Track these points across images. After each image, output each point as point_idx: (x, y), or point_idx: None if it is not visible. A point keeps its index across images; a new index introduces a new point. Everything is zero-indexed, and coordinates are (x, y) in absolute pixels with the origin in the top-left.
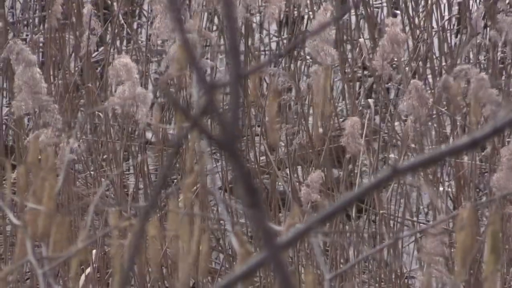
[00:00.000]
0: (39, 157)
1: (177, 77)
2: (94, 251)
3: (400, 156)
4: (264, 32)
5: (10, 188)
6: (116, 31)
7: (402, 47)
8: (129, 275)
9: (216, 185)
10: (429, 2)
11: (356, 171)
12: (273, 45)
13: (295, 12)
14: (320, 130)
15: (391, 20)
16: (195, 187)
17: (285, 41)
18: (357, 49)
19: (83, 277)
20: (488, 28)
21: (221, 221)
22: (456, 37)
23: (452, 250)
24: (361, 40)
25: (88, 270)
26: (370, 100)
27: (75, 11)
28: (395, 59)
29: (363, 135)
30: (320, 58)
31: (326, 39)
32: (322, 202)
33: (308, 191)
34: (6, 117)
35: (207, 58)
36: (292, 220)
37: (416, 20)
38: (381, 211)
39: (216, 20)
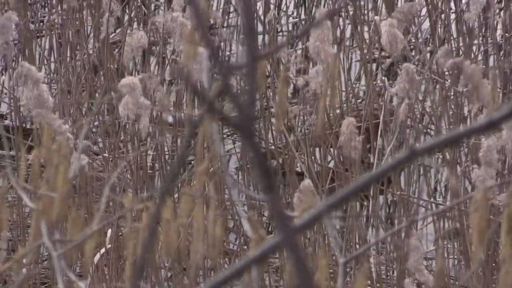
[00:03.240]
0: (53, 144)
1: (188, 61)
2: (109, 231)
3: (416, 138)
4: (281, 12)
5: (24, 171)
6: (134, 12)
7: (399, 47)
8: (145, 261)
9: (228, 170)
10: None
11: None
12: (290, 26)
13: None
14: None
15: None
16: (209, 171)
17: (302, 21)
18: (372, 28)
19: (97, 256)
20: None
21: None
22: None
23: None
24: (377, 18)
25: (103, 250)
26: (385, 79)
27: None
28: (413, 40)
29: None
30: (320, 58)
31: (323, 39)
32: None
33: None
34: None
35: (222, 40)
36: (306, 204)
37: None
38: (398, 192)
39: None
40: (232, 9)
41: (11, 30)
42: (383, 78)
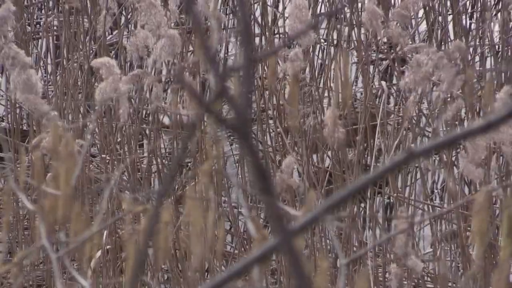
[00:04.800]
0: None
1: (193, 63)
2: (105, 232)
3: (414, 137)
4: (278, 14)
5: (24, 172)
6: (130, 14)
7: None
8: (144, 260)
9: (232, 169)
10: None
11: (373, 153)
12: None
13: None
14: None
15: None
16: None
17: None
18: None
19: (96, 256)
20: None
21: (235, 205)
22: (470, 19)
23: (467, 234)
24: (363, 15)
25: (99, 253)
26: (383, 82)
27: None
28: (410, 42)
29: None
30: (298, 40)
31: (301, 19)
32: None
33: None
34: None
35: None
36: (309, 205)
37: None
38: (395, 194)
39: (230, 2)
40: (229, 11)
41: (11, 22)
42: (382, 82)
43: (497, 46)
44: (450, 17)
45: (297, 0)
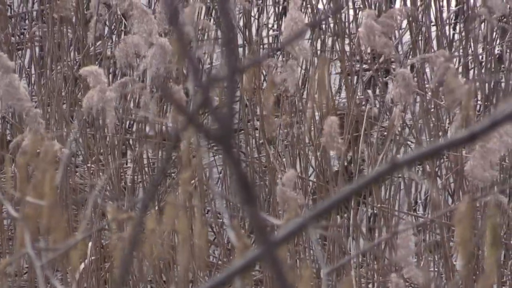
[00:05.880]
0: (38, 150)
1: (174, 72)
2: (90, 243)
3: (397, 148)
4: (262, 25)
5: (9, 181)
6: (114, 24)
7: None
8: (128, 268)
9: (214, 179)
10: None
11: (357, 163)
12: (270, 38)
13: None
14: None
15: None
16: (193, 181)
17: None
18: (356, 40)
19: (80, 268)
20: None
21: (219, 215)
22: (454, 29)
23: (451, 244)
24: (360, 29)
25: (83, 264)
26: (370, 91)
27: (73, 4)
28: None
29: (349, 132)
30: (295, 52)
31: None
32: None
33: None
34: (4, 111)
35: (204, 52)
36: (290, 215)
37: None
38: (378, 205)
39: (213, 13)
40: (212, 21)
41: None
42: (368, 91)
43: (480, 57)
44: (433, 28)
45: (294, 13)
